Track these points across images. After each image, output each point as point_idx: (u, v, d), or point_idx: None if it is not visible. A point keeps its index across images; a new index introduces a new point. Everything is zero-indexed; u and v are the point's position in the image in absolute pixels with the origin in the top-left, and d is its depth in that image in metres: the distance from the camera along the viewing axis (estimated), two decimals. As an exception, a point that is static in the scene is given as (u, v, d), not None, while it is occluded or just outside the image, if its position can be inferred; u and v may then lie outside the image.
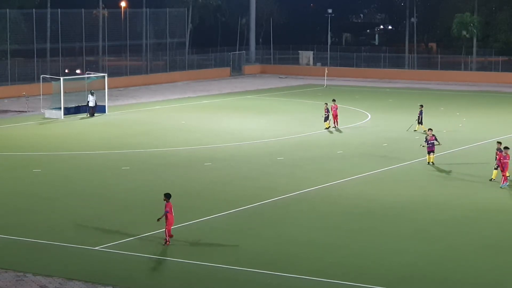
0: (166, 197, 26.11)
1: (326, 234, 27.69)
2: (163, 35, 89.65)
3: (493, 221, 29.47)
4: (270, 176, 36.99)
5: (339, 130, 50.96)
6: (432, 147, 39.28)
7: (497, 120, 57.29)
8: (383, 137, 48.45)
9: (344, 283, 22.55)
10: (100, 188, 34.43)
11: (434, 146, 39.34)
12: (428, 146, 39.35)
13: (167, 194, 26.24)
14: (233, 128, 52.16)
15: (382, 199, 32.30)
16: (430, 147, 39.32)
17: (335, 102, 52.45)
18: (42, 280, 22.54)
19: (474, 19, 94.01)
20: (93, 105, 58.12)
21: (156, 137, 48.35)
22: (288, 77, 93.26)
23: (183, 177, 36.79)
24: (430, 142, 39.30)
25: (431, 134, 39.52)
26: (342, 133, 50.07)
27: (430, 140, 39.31)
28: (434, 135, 39.46)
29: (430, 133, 39.59)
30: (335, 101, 52.81)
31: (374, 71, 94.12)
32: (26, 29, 75.81)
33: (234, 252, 25.24)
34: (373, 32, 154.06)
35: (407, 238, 27.12)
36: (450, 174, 38.01)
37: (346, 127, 51.84)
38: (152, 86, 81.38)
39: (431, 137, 39.35)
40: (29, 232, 27.32)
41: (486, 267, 24.24)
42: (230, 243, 25.81)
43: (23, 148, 44.50)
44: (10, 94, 69.24)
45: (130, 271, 23.55)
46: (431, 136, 39.39)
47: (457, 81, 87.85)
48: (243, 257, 24.91)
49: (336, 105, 52.13)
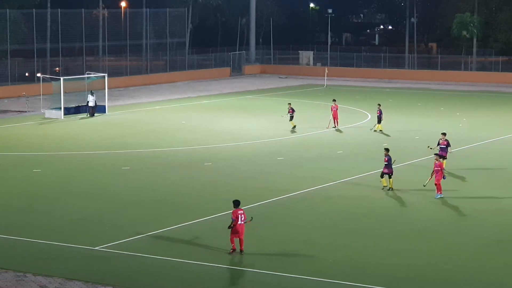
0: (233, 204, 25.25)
1: (326, 234, 27.69)
2: (163, 35, 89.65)
3: (492, 221, 29.47)
4: (270, 176, 36.98)
5: (339, 130, 50.96)
6: (443, 151, 37.26)
7: (497, 120, 57.29)
8: (383, 137, 48.45)
9: (344, 283, 22.56)
10: (100, 188, 34.43)
11: (446, 152, 37.46)
12: (440, 151, 37.13)
13: (234, 201, 25.34)
14: (233, 128, 52.16)
15: (382, 199, 32.29)
16: (441, 152, 37.04)
17: (335, 102, 52.42)
18: (42, 280, 22.54)
19: (474, 19, 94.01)
20: (93, 105, 58.11)
21: (156, 137, 48.35)
22: (288, 77, 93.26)
23: (183, 177, 36.79)
24: (441, 146, 37.43)
25: (444, 138, 37.62)
26: (342, 133, 50.06)
27: (442, 145, 37.46)
28: (447, 140, 37.56)
29: (444, 138, 37.66)
30: (336, 101, 52.78)
31: (374, 71, 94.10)
32: (26, 29, 75.79)
33: (234, 252, 25.20)
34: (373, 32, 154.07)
35: (407, 238, 27.13)
36: (450, 174, 37.97)
37: (346, 127, 51.83)
38: (152, 86, 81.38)
39: (443, 142, 37.53)
40: (29, 232, 27.32)
41: (486, 267, 24.25)
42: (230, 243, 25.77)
43: (23, 148, 44.50)
44: (10, 94, 69.24)
45: (130, 271, 23.56)
46: (443, 140, 37.54)
47: (457, 81, 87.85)
48: (243, 257, 24.90)
49: (336, 105, 52.09)
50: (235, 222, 24.76)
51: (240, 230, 24.83)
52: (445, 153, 37.67)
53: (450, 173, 38.07)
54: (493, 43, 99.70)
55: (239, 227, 24.81)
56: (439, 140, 38.08)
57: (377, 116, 50.68)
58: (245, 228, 25.00)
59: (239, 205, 25.17)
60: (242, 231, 24.89)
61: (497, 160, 41.60)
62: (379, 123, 50.38)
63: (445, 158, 37.69)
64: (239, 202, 25.28)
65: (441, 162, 33.65)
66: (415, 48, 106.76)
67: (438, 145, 37.94)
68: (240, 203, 25.32)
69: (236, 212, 24.95)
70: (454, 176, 37.67)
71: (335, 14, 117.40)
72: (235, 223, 24.77)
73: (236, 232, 24.86)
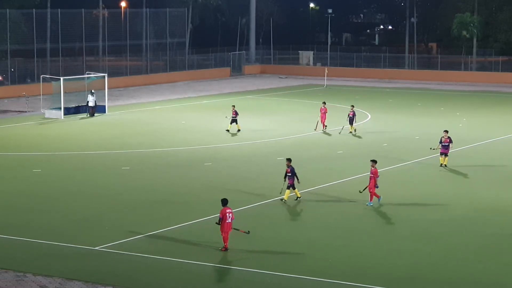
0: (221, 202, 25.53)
1: (326, 234, 27.70)
2: (163, 35, 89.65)
3: (493, 221, 29.47)
4: (270, 176, 36.97)
5: (327, 133, 49.91)
6: (446, 149, 38.66)
7: (497, 120, 57.29)
8: (383, 137, 48.45)
9: (344, 283, 22.56)
10: (100, 188, 34.42)
11: (448, 148, 38.70)
12: (442, 148, 38.71)
13: (222, 199, 25.63)
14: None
15: (382, 199, 32.26)
16: (443, 149, 38.72)
17: (325, 105, 51.41)
18: (42, 280, 22.54)
19: (474, 19, 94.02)
20: (93, 105, 58.11)
21: (156, 137, 48.35)
22: (288, 77, 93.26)
23: (183, 177, 36.79)
24: (444, 144, 38.71)
25: (446, 136, 38.88)
26: (342, 133, 49.95)
27: (445, 142, 38.73)
28: (449, 137, 38.84)
29: (446, 135, 38.92)
30: (325, 103, 51.94)
31: (374, 71, 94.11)
32: (26, 29, 75.79)
33: (234, 252, 25.22)
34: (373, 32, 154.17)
35: (407, 238, 27.12)
36: (450, 174, 38.00)
37: (346, 127, 51.78)
38: (152, 86, 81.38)
39: (445, 139, 38.77)
40: (29, 232, 27.32)
41: (486, 267, 24.25)
42: (230, 243, 25.77)
43: (23, 148, 44.50)
44: (10, 94, 69.24)
45: (130, 271, 23.55)
46: (446, 138, 38.79)
47: (457, 81, 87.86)
48: (243, 257, 24.91)
49: (325, 108, 51.02)
50: (223, 220, 25.04)
51: (226, 229, 25.13)
52: (448, 150, 38.78)
53: (451, 173, 38.10)
54: (493, 43, 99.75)
55: (226, 226, 25.10)
56: (441, 138, 39.13)
57: (349, 118, 49.59)
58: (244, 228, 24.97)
59: (227, 204, 25.40)
60: (229, 230, 25.18)
61: (497, 160, 41.58)
62: (351, 125, 49.42)
63: (447, 155, 38.88)
64: (227, 201, 25.53)
65: (376, 169, 31.40)
66: (415, 48, 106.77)
67: (441, 142, 39.09)
68: (228, 201, 25.54)
69: (224, 210, 25.19)
70: (454, 176, 37.69)
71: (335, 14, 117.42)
72: (223, 222, 25.05)
73: (224, 231, 25.16)
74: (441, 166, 38.96)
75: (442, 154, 39.03)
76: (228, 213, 25.12)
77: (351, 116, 49.73)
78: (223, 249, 25.21)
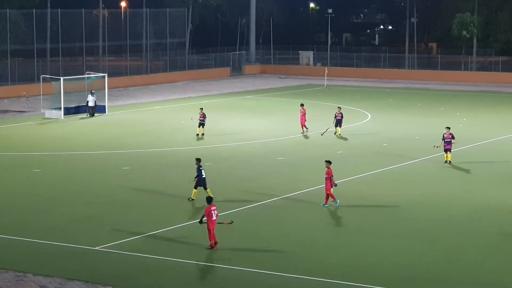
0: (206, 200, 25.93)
1: (326, 234, 27.71)
2: (163, 35, 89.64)
3: (493, 221, 29.47)
4: (270, 176, 36.98)
5: (306, 136, 48.90)
6: (449, 145, 39.17)
7: (497, 120, 57.28)
8: (383, 137, 48.45)
9: (344, 283, 22.56)
10: (100, 188, 34.42)
11: (451, 144, 39.23)
12: (445, 144, 39.25)
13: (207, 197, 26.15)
14: (233, 128, 52.15)
15: (382, 199, 32.29)
16: (447, 145, 39.22)
17: (303, 107, 50.20)
18: (42, 280, 22.54)
19: (474, 19, 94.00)
20: (93, 105, 58.10)
21: (156, 137, 48.34)
22: (288, 77, 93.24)
23: (183, 177, 36.76)
24: (447, 140, 39.22)
25: (448, 132, 39.40)
26: (342, 133, 49.90)
27: (447, 139, 39.22)
28: (451, 134, 39.32)
29: (448, 131, 39.45)
30: (303, 105, 50.67)
31: (374, 71, 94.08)
32: (26, 29, 75.80)
33: (234, 252, 25.23)
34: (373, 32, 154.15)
35: (407, 238, 27.13)
36: (450, 174, 38.00)
37: (347, 127, 51.73)
38: (152, 86, 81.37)
39: (448, 136, 39.24)
40: (29, 232, 27.33)
41: (486, 267, 24.26)
42: (230, 243, 25.79)
43: (23, 148, 44.50)
44: (10, 94, 69.23)
45: (130, 271, 23.55)
46: (448, 134, 39.27)
47: (457, 81, 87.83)
48: (243, 257, 24.91)
49: (304, 110, 49.92)
50: (209, 218, 25.18)
51: (212, 226, 25.29)
52: (451, 146, 39.31)
53: (451, 173, 38.10)
54: (493, 43, 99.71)
55: (211, 224, 25.24)
56: (444, 134, 39.65)
57: (336, 119, 48.53)
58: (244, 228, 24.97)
59: (211, 202, 25.65)
60: (214, 227, 25.33)
61: (497, 160, 41.58)
62: (339, 127, 48.49)
63: (450, 151, 39.44)
64: (211, 199, 25.92)
65: (330, 170, 31.00)
66: (415, 48, 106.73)
67: (443, 139, 39.57)
68: (212, 199, 25.91)
69: (209, 208, 25.34)
70: (454, 176, 37.69)
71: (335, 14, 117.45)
72: (209, 219, 25.19)
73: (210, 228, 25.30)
74: (446, 163, 39.14)
75: (446, 151, 39.24)
76: (213, 211, 25.38)
77: (339, 118, 48.66)
78: (210, 247, 25.29)
